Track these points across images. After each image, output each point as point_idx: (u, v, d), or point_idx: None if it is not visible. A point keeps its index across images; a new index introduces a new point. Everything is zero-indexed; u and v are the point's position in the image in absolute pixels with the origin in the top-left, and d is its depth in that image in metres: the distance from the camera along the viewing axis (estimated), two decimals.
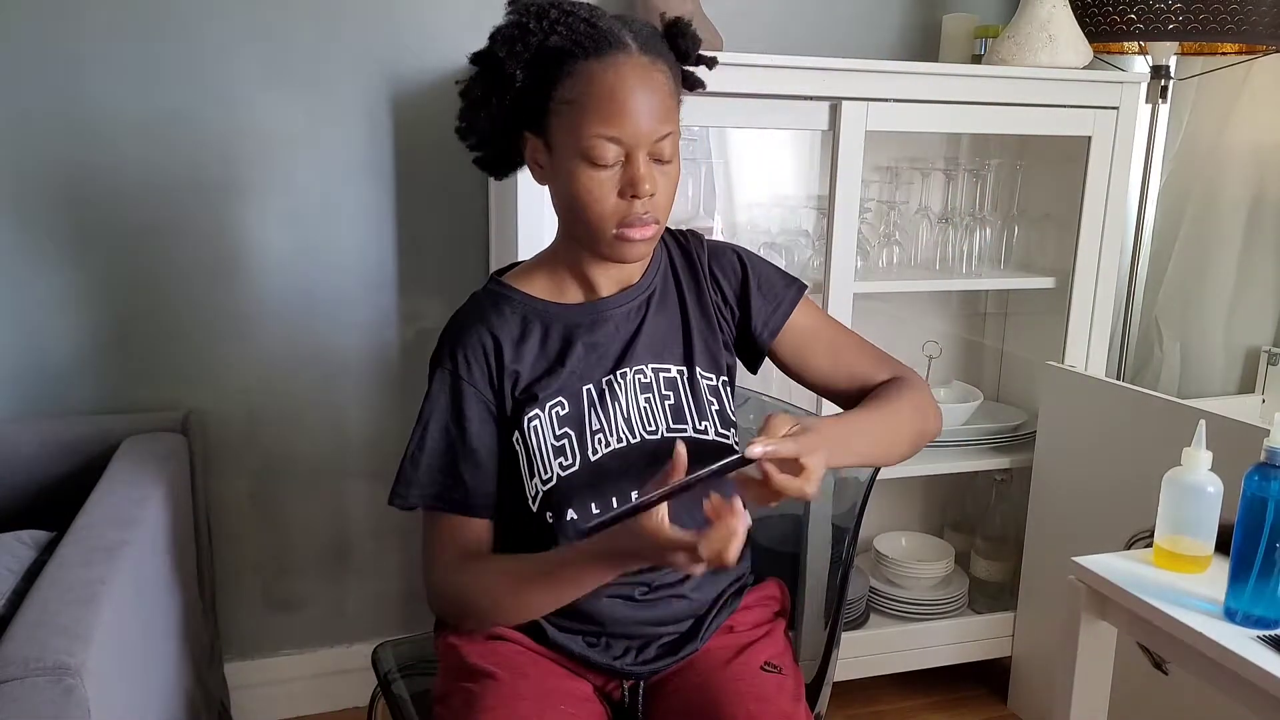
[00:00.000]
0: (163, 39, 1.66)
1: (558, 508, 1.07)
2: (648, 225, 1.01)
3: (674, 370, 1.11)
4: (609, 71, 0.97)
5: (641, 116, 0.97)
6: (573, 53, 0.97)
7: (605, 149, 0.97)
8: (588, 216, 1.00)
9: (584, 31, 0.98)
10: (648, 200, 0.99)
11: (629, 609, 1.10)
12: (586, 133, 0.97)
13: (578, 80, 0.97)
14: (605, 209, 0.99)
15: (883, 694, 2.05)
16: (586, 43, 0.97)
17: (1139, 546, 1.32)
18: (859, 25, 2.03)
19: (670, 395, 1.10)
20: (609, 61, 0.97)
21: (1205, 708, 1.50)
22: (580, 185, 0.99)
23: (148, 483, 1.42)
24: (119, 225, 1.70)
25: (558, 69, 0.98)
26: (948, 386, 2.08)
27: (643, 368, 1.10)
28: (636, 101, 0.97)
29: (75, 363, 1.73)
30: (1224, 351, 2.41)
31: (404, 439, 1.97)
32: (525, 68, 1.00)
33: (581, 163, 0.98)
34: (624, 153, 0.98)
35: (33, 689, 0.89)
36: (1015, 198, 2.04)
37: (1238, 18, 1.76)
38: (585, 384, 1.08)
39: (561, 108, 0.99)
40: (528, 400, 1.07)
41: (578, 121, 0.97)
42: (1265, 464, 1.04)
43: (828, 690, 1.27)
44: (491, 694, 1.04)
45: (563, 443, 1.07)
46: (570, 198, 1.01)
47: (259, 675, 1.92)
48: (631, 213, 1.00)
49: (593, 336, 1.09)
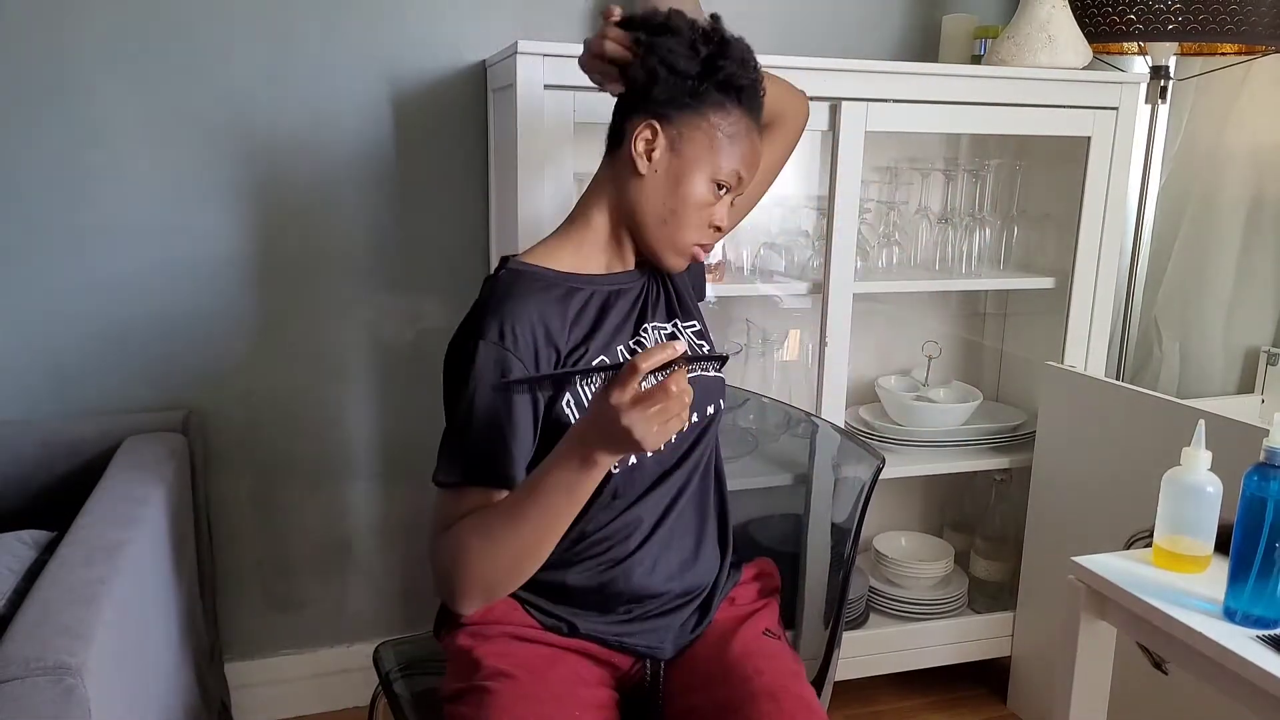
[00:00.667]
0: (164, 39, 1.66)
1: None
2: (708, 252, 1.20)
3: (668, 326, 1.23)
4: (752, 131, 1.16)
5: (753, 173, 1.18)
6: (740, 100, 1.13)
7: (730, 182, 1.14)
8: (680, 223, 1.14)
9: (759, 96, 1.16)
10: (717, 233, 1.18)
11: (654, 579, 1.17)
12: (729, 165, 1.13)
13: (734, 122, 1.13)
14: (701, 226, 1.15)
15: (882, 694, 2.05)
16: (753, 100, 1.15)
17: (1139, 546, 1.32)
18: (859, 26, 2.03)
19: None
20: (752, 124, 1.16)
21: (1205, 708, 1.50)
22: (696, 197, 1.13)
23: (148, 483, 1.42)
24: (119, 225, 1.70)
25: (722, 98, 1.12)
26: (948, 386, 2.08)
27: (652, 325, 1.21)
28: (756, 161, 1.18)
29: (75, 363, 1.73)
30: (1224, 351, 2.41)
31: (404, 439, 1.98)
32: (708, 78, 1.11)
33: (709, 182, 1.13)
34: (729, 191, 1.15)
35: (33, 689, 0.90)
36: (1015, 198, 2.04)
37: (1237, 18, 1.77)
38: (618, 345, 1.16)
39: (713, 132, 1.12)
40: (562, 378, 1.10)
41: (725, 151, 1.13)
42: (1265, 464, 1.04)
43: (828, 690, 1.27)
44: (508, 694, 1.05)
45: None
46: (679, 202, 1.13)
47: (259, 675, 1.92)
48: (709, 240, 1.17)
49: (621, 302, 1.19)
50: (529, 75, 1.49)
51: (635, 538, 1.16)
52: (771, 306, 1.96)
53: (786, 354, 1.99)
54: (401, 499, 1.96)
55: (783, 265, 1.91)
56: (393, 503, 1.95)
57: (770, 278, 1.87)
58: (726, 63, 1.10)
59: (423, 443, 1.93)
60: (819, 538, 1.52)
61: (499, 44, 1.73)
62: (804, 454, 1.61)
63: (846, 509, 1.35)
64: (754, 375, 1.93)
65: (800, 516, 1.59)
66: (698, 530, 1.23)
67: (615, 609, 1.17)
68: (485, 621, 1.16)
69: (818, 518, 1.55)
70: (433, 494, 1.09)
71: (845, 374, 1.81)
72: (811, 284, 1.80)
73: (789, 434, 1.71)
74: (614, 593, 1.16)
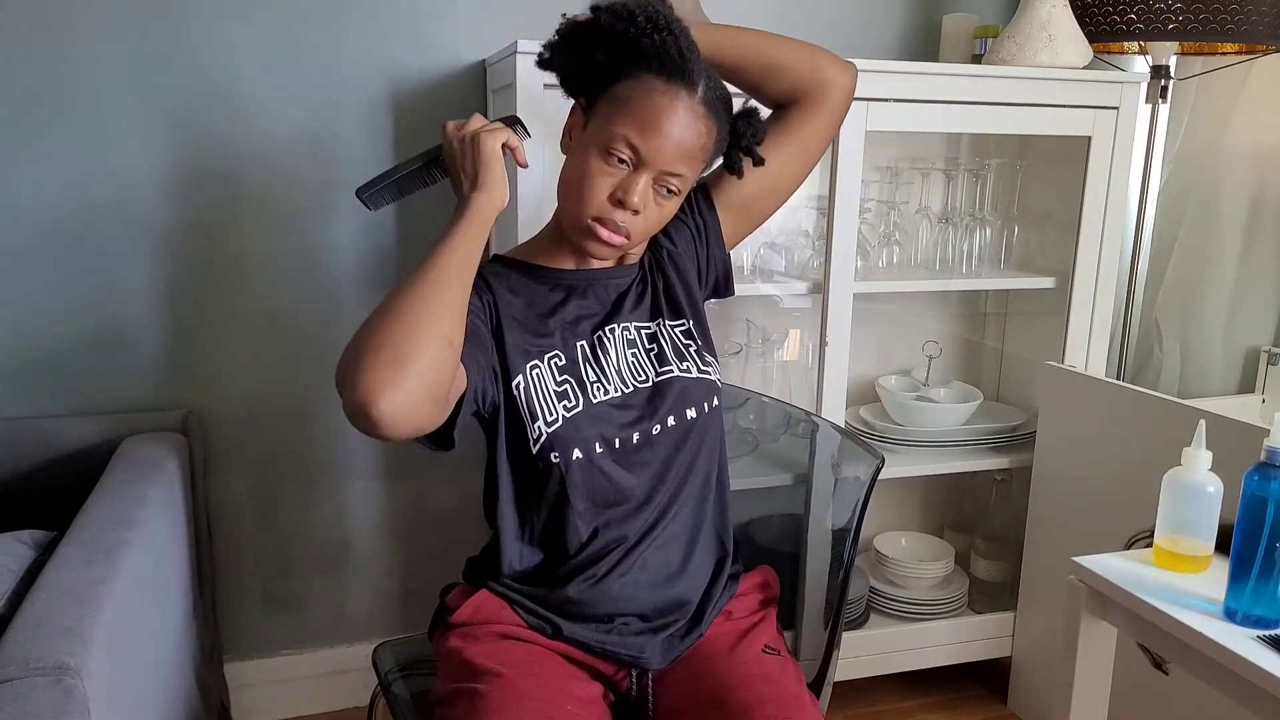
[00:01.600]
0: (163, 38, 1.66)
1: (564, 447, 1.11)
2: (617, 233, 1.08)
3: (651, 326, 1.21)
4: (663, 95, 1.05)
5: (667, 144, 1.05)
6: (649, 63, 1.04)
7: (621, 151, 1.05)
8: (575, 198, 1.08)
9: (671, 54, 1.04)
10: (629, 214, 1.07)
11: (638, 591, 1.15)
12: (615, 130, 1.05)
13: (636, 86, 1.05)
14: (591, 199, 1.07)
15: (883, 694, 2.05)
16: (665, 63, 1.04)
17: (1139, 546, 1.32)
18: (859, 25, 2.03)
19: (654, 346, 1.20)
20: (669, 88, 1.05)
21: (1205, 708, 1.50)
22: (584, 169, 1.07)
23: (148, 483, 1.42)
24: (119, 225, 1.70)
25: (631, 66, 1.05)
26: (948, 386, 2.08)
27: (627, 325, 1.19)
28: (669, 130, 1.05)
29: (75, 363, 1.73)
30: (1224, 351, 2.41)
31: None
32: (610, 48, 1.06)
33: (596, 151, 1.06)
34: (634, 165, 1.06)
35: (33, 689, 0.89)
36: (1015, 198, 2.04)
37: (1238, 18, 1.77)
38: (579, 340, 1.16)
39: (612, 99, 1.07)
40: (524, 353, 1.12)
41: (614, 117, 1.06)
42: (1265, 464, 1.04)
43: (828, 690, 1.27)
44: (498, 694, 1.04)
45: (564, 388, 1.14)
46: (571, 176, 1.09)
47: (259, 675, 1.92)
48: (610, 215, 1.07)
49: (584, 298, 1.18)
50: (529, 75, 1.49)
51: (617, 553, 1.15)
52: (771, 306, 1.96)
53: (786, 354, 1.99)
54: (401, 499, 1.96)
55: (783, 265, 1.91)
56: (393, 502, 1.95)
57: (770, 277, 1.87)
58: (609, 19, 1.04)
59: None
60: (819, 538, 1.51)
61: (499, 44, 1.73)
62: (804, 454, 1.61)
63: (846, 509, 1.35)
64: (754, 375, 1.93)
65: (800, 516, 1.59)
66: (688, 542, 1.19)
67: (597, 619, 1.15)
68: (475, 622, 1.16)
69: (818, 518, 1.54)
70: (432, 494, 1.09)
71: (845, 374, 1.80)
72: (812, 284, 1.80)
73: (789, 434, 1.71)
74: (592, 602, 1.14)
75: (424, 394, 0.93)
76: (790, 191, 1.27)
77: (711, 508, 1.23)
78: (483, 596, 1.17)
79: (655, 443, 1.16)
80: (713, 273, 1.29)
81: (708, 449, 1.21)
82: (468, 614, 1.16)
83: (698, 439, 1.19)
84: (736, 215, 1.27)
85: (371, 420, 0.91)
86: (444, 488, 1.96)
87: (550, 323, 1.15)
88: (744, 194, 1.25)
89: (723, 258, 1.29)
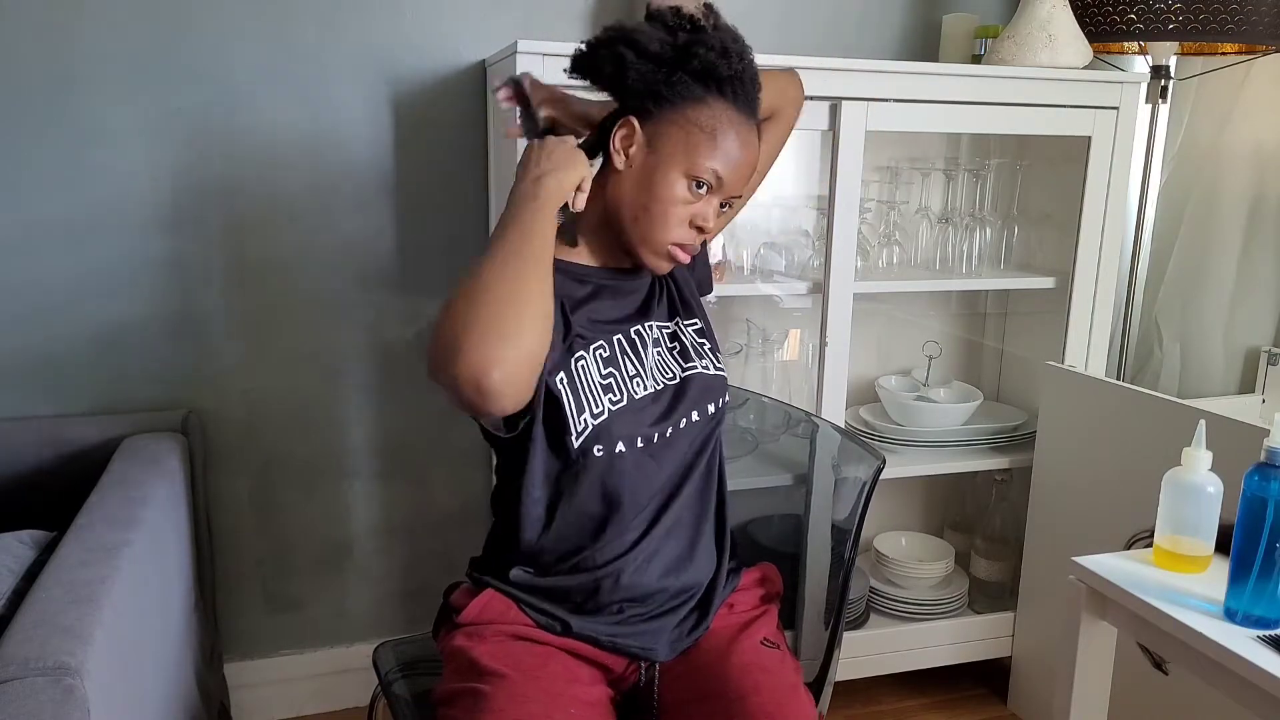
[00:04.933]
0: (163, 38, 1.66)
1: (609, 441, 1.12)
2: (690, 254, 1.15)
3: (671, 325, 1.24)
4: (742, 127, 1.10)
5: (741, 173, 1.12)
6: (723, 91, 1.08)
7: (709, 180, 1.10)
8: (656, 222, 1.11)
9: (746, 84, 1.10)
10: (702, 236, 1.14)
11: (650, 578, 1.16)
12: (705, 161, 1.08)
13: (715, 114, 1.08)
14: (675, 224, 1.11)
15: (883, 694, 2.05)
16: (738, 93, 1.09)
17: (1139, 546, 1.32)
18: (859, 25, 2.03)
19: (676, 344, 1.23)
20: (743, 120, 1.10)
21: (1205, 708, 1.50)
22: (670, 194, 1.10)
23: (148, 483, 1.42)
24: (118, 225, 1.70)
25: (702, 91, 1.08)
26: (948, 386, 2.08)
27: (653, 324, 1.22)
28: (744, 160, 1.11)
29: (75, 363, 1.73)
30: (1224, 351, 2.41)
31: (404, 439, 1.99)
32: (682, 66, 1.08)
33: (683, 179, 1.09)
34: (712, 190, 1.11)
35: (33, 689, 0.89)
36: (1015, 198, 2.04)
37: (1238, 18, 1.77)
38: (615, 335, 1.17)
39: (689, 126, 1.09)
40: (569, 346, 1.12)
41: (702, 147, 1.08)
42: (1265, 464, 1.04)
43: (828, 690, 1.27)
44: (501, 695, 1.05)
45: (609, 380, 1.14)
46: (651, 199, 1.10)
47: (259, 675, 1.92)
48: (689, 240, 1.13)
49: (615, 297, 1.20)
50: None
51: (631, 540, 1.15)
52: (771, 306, 1.96)
53: (786, 354, 1.99)
54: (401, 499, 1.96)
55: (783, 265, 1.91)
56: (393, 503, 1.95)
57: (770, 277, 1.87)
58: (702, 50, 1.06)
59: (423, 443, 1.93)
60: (819, 538, 1.51)
61: (499, 44, 1.73)
62: (804, 454, 1.61)
63: (847, 509, 1.35)
64: (754, 375, 1.93)
65: (800, 517, 1.59)
66: (694, 530, 1.22)
67: (608, 609, 1.16)
68: (481, 621, 1.16)
69: (818, 518, 1.54)
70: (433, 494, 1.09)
71: (845, 374, 1.80)
72: (811, 284, 1.80)
73: (789, 434, 1.71)
74: (606, 592, 1.15)
75: (529, 367, 0.98)
76: (750, 195, 1.34)
77: (713, 500, 1.26)
78: (489, 595, 1.17)
79: (679, 437, 1.18)
80: (698, 270, 1.34)
81: (715, 443, 1.25)
82: (474, 613, 1.16)
83: (713, 433, 1.23)
84: None
85: (484, 392, 0.94)
86: (444, 488, 1.96)
87: (585, 316, 1.16)
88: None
89: (703, 257, 1.34)
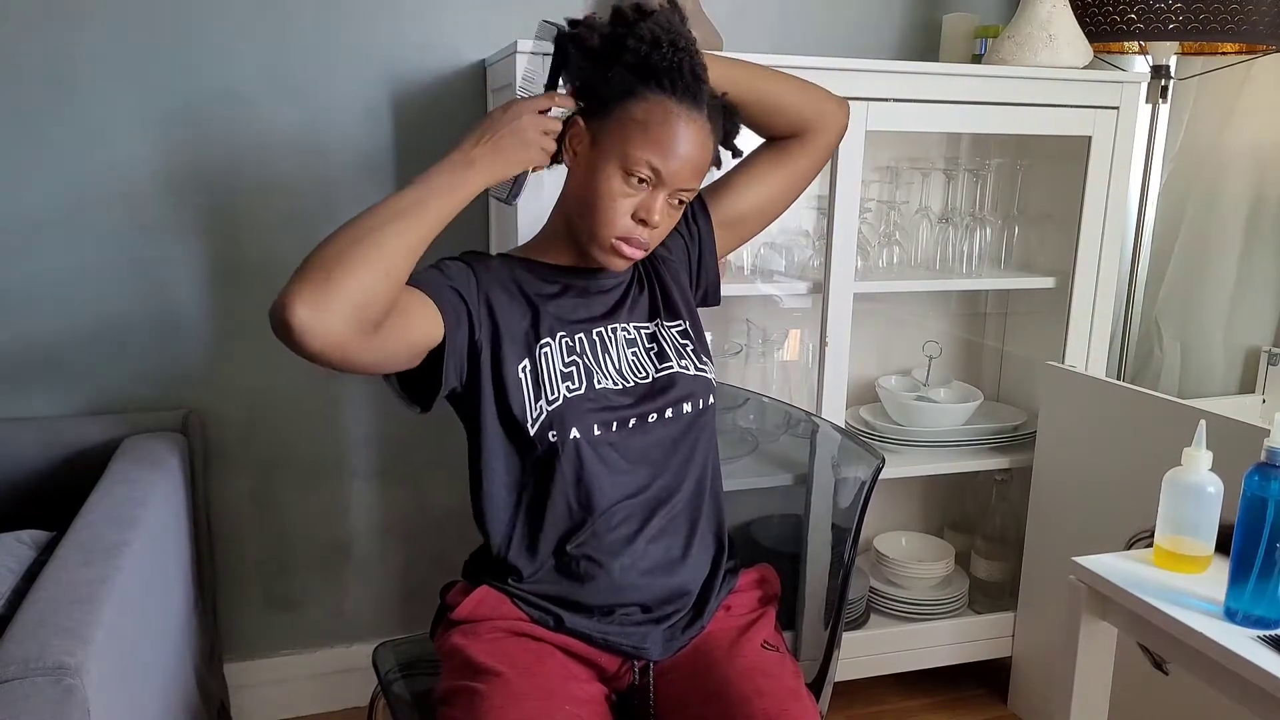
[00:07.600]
0: (163, 38, 1.66)
1: (563, 427, 1.13)
2: (639, 249, 1.13)
3: (650, 325, 1.24)
4: (680, 119, 1.09)
5: (685, 166, 1.10)
6: (662, 84, 1.08)
7: (643, 173, 1.09)
8: (598, 217, 1.11)
9: (686, 76, 1.08)
10: (651, 230, 1.12)
11: (638, 580, 1.16)
12: (637, 153, 1.08)
13: (653, 108, 1.08)
14: (615, 218, 1.11)
15: (883, 694, 2.04)
16: (679, 85, 1.08)
17: (1139, 546, 1.32)
18: (859, 25, 2.03)
19: (654, 345, 1.23)
20: (683, 111, 1.09)
21: (1205, 708, 1.50)
22: (607, 189, 1.10)
23: (148, 483, 1.42)
24: (118, 224, 1.70)
25: (642, 86, 1.08)
26: (948, 386, 2.08)
27: (626, 325, 1.22)
28: (687, 152, 1.09)
29: (76, 362, 1.72)
30: (1224, 351, 2.41)
31: (404, 439, 1.98)
32: (617, 60, 1.09)
33: (619, 172, 1.09)
34: (653, 185, 1.10)
35: (33, 689, 0.90)
36: (1015, 198, 2.04)
37: (1238, 18, 1.77)
38: (579, 333, 1.18)
39: (626, 120, 1.09)
40: (533, 336, 1.14)
41: (635, 139, 1.08)
42: (1265, 464, 1.04)
43: (828, 690, 1.27)
44: (497, 693, 1.05)
45: (570, 369, 1.16)
46: (592, 194, 1.11)
47: (259, 675, 1.92)
48: (635, 234, 1.12)
49: (582, 296, 1.21)
50: None
51: (616, 542, 1.16)
52: (771, 306, 1.96)
53: (786, 354, 1.98)
54: (401, 499, 1.96)
55: (783, 265, 1.91)
56: (392, 503, 1.95)
57: (770, 277, 1.87)
58: (633, 42, 1.07)
59: (423, 443, 1.93)
60: (819, 538, 1.51)
61: (499, 44, 1.73)
62: (804, 454, 1.61)
63: (846, 509, 1.35)
64: (754, 375, 1.93)
65: (800, 517, 1.59)
66: (687, 532, 1.21)
67: (598, 609, 1.16)
68: (476, 618, 1.16)
69: (818, 518, 1.54)
70: (432, 494, 1.09)
71: (845, 374, 1.80)
72: (812, 284, 1.80)
73: (789, 434, 1.71)
74: (592, 593, 1.15)
75: (348, 314, 0.95)
76: (779, 213, 1.35)
77: (707, 503, 1.25)
78: (483, 592, 1.18)
79: (652, 432, 1.18)
80: (703, 281, 1.34)
81: (704, 445, 1.24)
82: (468, 610, 1.16)
83: (695, 433, 1.22)
84: (729, 230, 1.33)
85: (284, 326, 0.94)
86: (444, 488, 1.96)
87: (552, 310, 1.18)
88: (739, 210, 1.31)
89: (714, 268, 1.34)
